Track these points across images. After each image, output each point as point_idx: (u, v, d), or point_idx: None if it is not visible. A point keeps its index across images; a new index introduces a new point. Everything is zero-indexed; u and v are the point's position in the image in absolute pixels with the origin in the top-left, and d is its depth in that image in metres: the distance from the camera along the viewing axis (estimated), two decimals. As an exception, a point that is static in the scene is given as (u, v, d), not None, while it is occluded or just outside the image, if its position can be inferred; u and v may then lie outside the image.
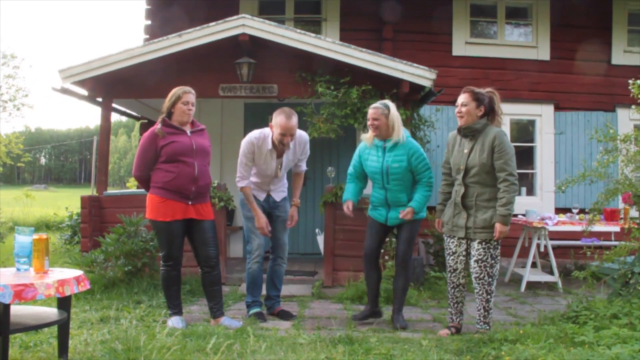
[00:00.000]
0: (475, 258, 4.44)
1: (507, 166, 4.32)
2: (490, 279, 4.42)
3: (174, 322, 4.60)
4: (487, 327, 4.49)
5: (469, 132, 4.46)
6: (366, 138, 5.01)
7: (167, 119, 4.62)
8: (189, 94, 4.67)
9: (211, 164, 5.16)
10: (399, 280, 5.00)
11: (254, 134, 4.97)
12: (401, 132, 4.82)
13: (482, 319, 4.51)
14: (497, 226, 4.32)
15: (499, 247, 4.49)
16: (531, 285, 6.96)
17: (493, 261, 4.42)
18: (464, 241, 4.53)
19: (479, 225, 4.40)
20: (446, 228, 4.64)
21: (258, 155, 4.93)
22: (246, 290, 5.19)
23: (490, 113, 4.56)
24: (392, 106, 4.89)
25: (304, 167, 5.33)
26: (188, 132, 4.66)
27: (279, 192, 5.21)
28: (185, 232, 4.69)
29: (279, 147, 4.94)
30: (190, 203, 4.60)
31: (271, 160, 4.98)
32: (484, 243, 4.40)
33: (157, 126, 4.58)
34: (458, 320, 4.68)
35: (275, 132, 4.85)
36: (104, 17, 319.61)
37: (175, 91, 4.68)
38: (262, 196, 5.12)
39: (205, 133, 4.84)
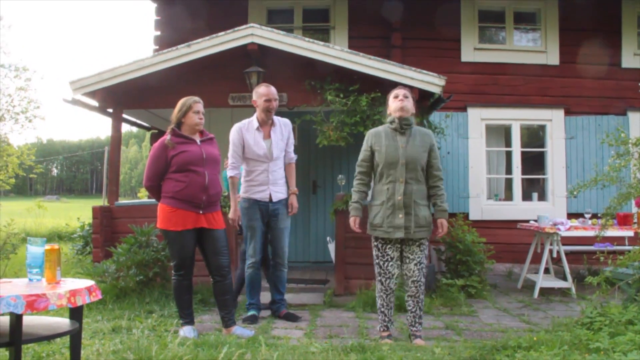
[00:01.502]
0: (415, 261, 4.41)
1: (439, 168, 4.49)
2: (424, 279, 4.48)
3: (186, 331, 4.60)
4: (420, 328, 4.55)
5: (406, 124, 4.43)
6: None
7: (177, 129, 4.65)
8: (199, 104, 4.71)
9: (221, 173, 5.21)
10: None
11: (237, 124, 5.31)
12: None
13: (418, 319, 4.53)
14: (443, 222, 4.41)
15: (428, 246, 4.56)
16: (544, 292, 6.91)
17: (426, 260, 4.48)
18: (398, 244, 4.44)
19: (421, 224, 4.34)
20: (380, 231, 4.40)
21: (247, 138, 5.20)
22: (247, 293, 5.43)
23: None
24: None
25: (293, 155, 5.49)
26: (198, 141, 4.69)
27: (279, 187, 5.30)
28: (197, 241, 4.69)
29: (267, 117, 5.22)
30: (201, 212, 4.60)
31: (260, 140, 5.22)
32: (421, 244, 4.40)
33: (167, 137, 4.60)
34: (392, 327, 4.67)
35: (260, 102, 5.21)
36: (114, 28, 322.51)
37: (185, 101, 4.71)
38: (263, 195, 5.22)
39: (214, 142, 4.86)
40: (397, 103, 4.45)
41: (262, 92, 5.20)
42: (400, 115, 4.43)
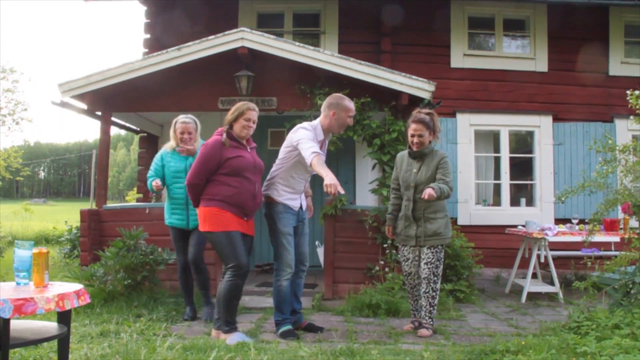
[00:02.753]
0: (425, 261, 4.99)
1: (446, 177, 4.90)
2: (435, 278, 4.99)
3: (239, 337, 4.42)
4: (432, 322, 5.04)
5: (419, 155, 5.05)
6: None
7: (231, 131, 4.60)
8: (253, 112, 4.64)
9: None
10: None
11: (304, 124, 4.89)
12: None
13: (428, 314, 5.03)
14: (427, 190, 4.68)
15: (443, 251, 5.06)
16: (532, 296, 6.94)
17: (439, 262, 5.00)
18: (415, 249, 5.10)
19: (428, 234, 4.98)
20: (399, 238, 5.23)
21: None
22: (275, 308, 4.95)
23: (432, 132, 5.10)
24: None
25: None
26: (247, 148, 4.66)
27: (303, 196, 5.15)
28: None
29: (337, 131, 5.06)
30: (245, 219, 4.58)
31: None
32: (432, 248, 4.97)
33: (223, 136, 4.54)
34: (420, 315, 5.18)
35: (343, 117, 4.89)
36: (103, 30, 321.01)
37: (239, 106, 4.64)
38: (296, 204, 4.98)
39: (255, 152, 4.80)
40: (411, 140, 5.04)
41: (349, 107, 4.91)
42: (416, 150, 5.04)
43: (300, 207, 5.05)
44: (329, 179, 4.29)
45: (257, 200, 4.64)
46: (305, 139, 4.66)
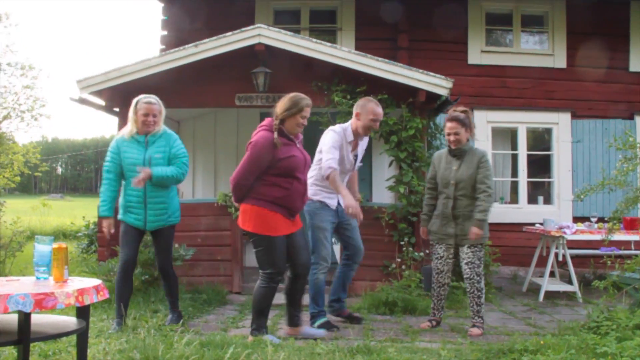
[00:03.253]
0: (465, 261, 4.98)
1: (487, 180, 4.92)
2: (478, 278, 4.97)
3: (270, 337, 4.36)
4: (482, 321, 5.03)
5: (458, 152, 5.04)
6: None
7: (283, 128, 4.35)
8: (309, 108, 4.43)
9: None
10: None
11: (334, 127, 5.09)
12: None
13: (476, 313, 5.03)
14: (474, 229, 4.82)
15: (483, 250, 5.07)
16: (550, 295, 6.88)
17: (479, 262, 4.98)
18: (451, 247, 5.07)
19: (467, 233, 4.91)
20: (435, 237, 5.16)
21: (344, 146, 5.02)
22: (310, 300, 5.05)
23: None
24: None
25: (360, 164, 5.41)
26: (297, 143, 4.45)
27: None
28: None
29: (364, 134, 5.11)
30: (292, 219, 4.43)
31: (349, 152, 5.09)
32: (472, 247, 4.95)
33: (274, 135, 4.26)
34: (439, 315, 5.24)
35: (367, 120, 5.00)
36: (121, 27, 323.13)
37: (296, 101, 4.37)
38: (333, 203, 5.06)
39: (302, 145, 4.61)
40: (448, 138, 5.06)
41: (372, 111, 4.99)
42: (455, 147, 5.04)
43: (339, 204, 5.09)
44: (348, 200, 4.67)
45: (306, 199, 4.53)
46: (328, 147, 4.88)
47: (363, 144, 5.28)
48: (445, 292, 5.22)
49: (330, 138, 4.93)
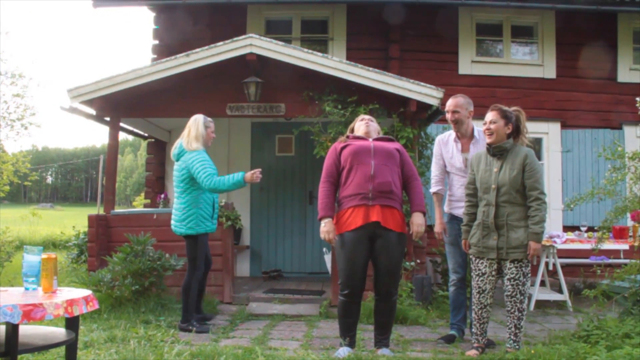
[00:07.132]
0: (508, 277, 4.31)
1: (539, 184, 4.26)
2: (522, 297, 4.30)
3: (341, 352, 4.30)
4: (517, 347, 4.31)
5: (499, 151, 4.40)
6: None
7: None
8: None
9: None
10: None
11: (441, 135, 5.28)
12: None
13: (513, 337, 4.35)
14: (532, 244, 4.20)
15: (529, 265, 4.37)
16: (540, 304, 6.90)
17: (525, 279, 4.31)
18: (494, 262, 4.38)
19: (512, 245, 4.27)
20: (474, 250, 4.48)
21: (444, 151, 5.12)
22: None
23: (516, 132, 4.52)
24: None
25: None
26: (369, 139, 4.52)
27: None
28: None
29: (455, 129, 5.08)
30: (370, 203, 4.28)
31: (457, 152, 5.06)
32: (516, 262, 4.28)
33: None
34: (483, 340, 4.53)
35: (448, 115, 5.09)
36: (112, 36, 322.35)
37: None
38: (460, 212, 4.85)
39: (394, 141, 4.67)
40: (484, 130, 4.50)
41: (446, 104, 5.12)
42: (490, 142, 4.45)
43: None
44: (438, 226, 5.02)
45: (377, 180, 4.25)
46: (432, 164, 5.26)
47: (473, 143, 5.07)
48: (488, 314, 4.51)
49: (434, 153, 5.27)
